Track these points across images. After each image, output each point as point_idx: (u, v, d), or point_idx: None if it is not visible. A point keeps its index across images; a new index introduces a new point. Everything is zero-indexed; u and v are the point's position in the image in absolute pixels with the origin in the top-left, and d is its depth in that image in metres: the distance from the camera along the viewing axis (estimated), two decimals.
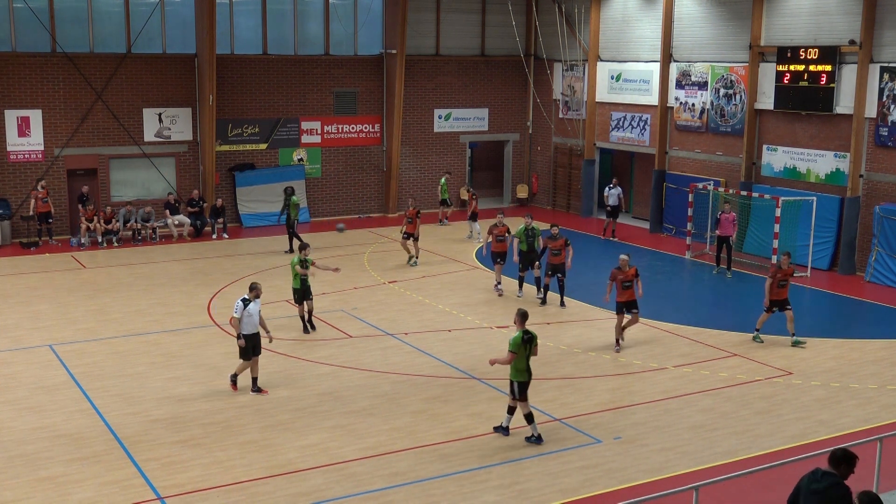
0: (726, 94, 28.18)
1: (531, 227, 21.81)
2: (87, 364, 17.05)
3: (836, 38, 24.89)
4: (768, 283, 18.44)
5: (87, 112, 28.57)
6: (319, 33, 32.04)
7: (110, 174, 29.19)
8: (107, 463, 12.91)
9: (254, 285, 15.71)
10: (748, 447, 13.69)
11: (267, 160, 31.55)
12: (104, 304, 21.27)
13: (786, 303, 18.45)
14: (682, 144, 29.90)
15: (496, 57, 34.79)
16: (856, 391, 16.10)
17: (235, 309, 15.39)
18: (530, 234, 21.75)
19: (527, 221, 21.96)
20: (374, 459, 13.12)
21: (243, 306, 15.31)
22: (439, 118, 34.15)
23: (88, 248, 27.28)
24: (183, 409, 14.90)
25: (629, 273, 18.18)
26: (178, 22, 29.83)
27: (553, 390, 15.95)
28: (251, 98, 30.95)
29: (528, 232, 21.76)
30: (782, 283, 18.36)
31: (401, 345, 18.45)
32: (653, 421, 14.61)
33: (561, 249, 20.93)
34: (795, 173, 26.35)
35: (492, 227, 22.67)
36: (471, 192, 30.28)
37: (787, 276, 18.49)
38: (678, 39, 29.63)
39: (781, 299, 18.41)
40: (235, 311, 15.37)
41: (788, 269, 18.53)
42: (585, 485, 12.40)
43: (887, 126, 23.90)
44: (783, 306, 18.43)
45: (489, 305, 21.44)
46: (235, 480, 12.42)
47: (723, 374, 16.92)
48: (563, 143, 34.56)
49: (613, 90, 32.22)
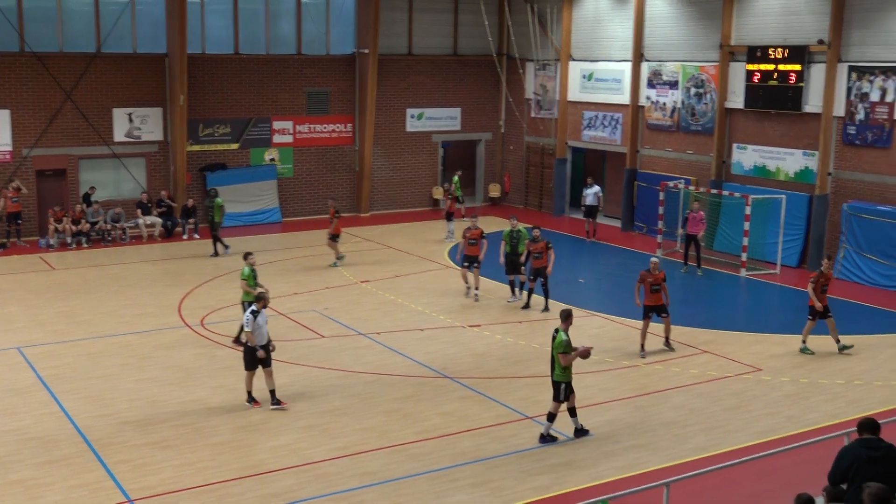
0: (697, 93, 28.37)
1: (516, 230, 21.58)
2: (57, 366, 16.90)
3: (805, 38, 25.13)
4: (811, 288, 17.87)
5: (56, 112, 28.31)
6: (291, 33, 31.93)
7: (80, 175, 28.93)
8: (76, 466, 12.80)
9: (261, 295, 15.23)
10: (718, 443, 13.79)
11: (238, 160, 31.40)
12: (73, 305, 21.10)
13: (827, 310, 17.90)
14: (653, 143, 30.07)
15: (468, 56, 34.82)
16: (824, 387, 16.27)
17: (246, 322, 14.81)
18: (514, 237, 21.51)
19: (512, 224, 21.83)
20: (346, 459, 13.10)
21: (253, 318, 14.76)
22: (412, 118, 34.14)
23: (57, 249, 27.04)
24: (153, 411, 14.81)
25: (658, 276, 17.67)
26: (149, 21, 29.60)
27: (525, 388, 15.99)
28: (222, 98, 30.79)
29: (513, 234, 21.55)
30: (824, 289, 17.92)
31: (373, 344, 18.43)
32: (625, 418, 14.69)
33: (542, 252, 20.59)
34: (765, 171, 26.58)
35: (465, 230, 22.47)
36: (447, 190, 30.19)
37: (829, 280, 18.05)
38: (649, 39, 29.80)
39: (824, 305, 17.91)
40: (246, 325, 14.80)
41: (829, 273, 18.08)
42: (557, 482, 12.45)
43: (855, 125, 24.15)
44: (825, 314, 17.93)
45: (462, 305, 21.45)
46: (207, 482, 12.36)
47: (693, 370, 17.05)
48: (535, 143, 34.65)
49: (585, 89, 32.34)
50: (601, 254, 27.53)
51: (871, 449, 8.48)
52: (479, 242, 21.79)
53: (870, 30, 23.74)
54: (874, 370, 17.16)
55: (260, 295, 15.28)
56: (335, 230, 25.14)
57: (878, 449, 8.46)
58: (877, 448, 8.47)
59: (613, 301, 21.96)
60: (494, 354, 17.86)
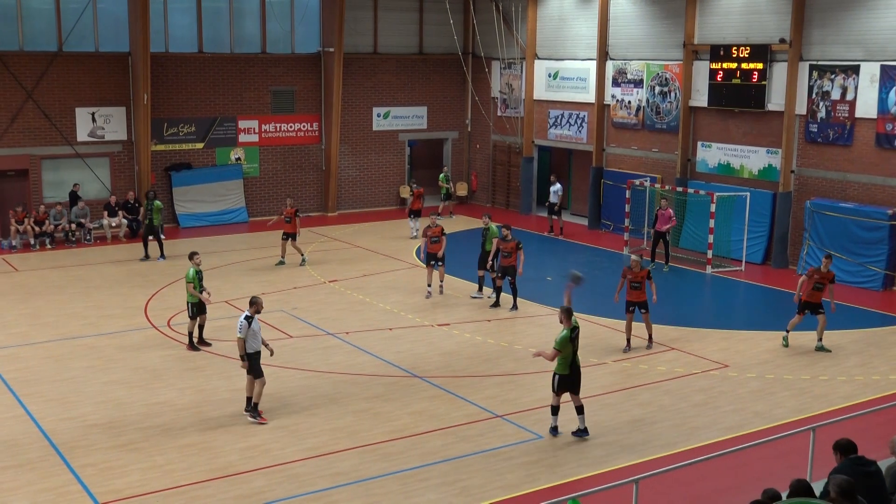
0: (661, 91, 28.58)
1: (487, 228, 21.76)
2: (21, 369, 16.68)
3: (767, 37, 25.40)
4: (802, 280, 18.17)
5: (17, 112, 27.93)
6: (256, 31, 31.75)
7: (42, 175, 28.58)
8: (42, 470, 12.65)
9: (255, 300, 14.46)
10: (686, 439, 13.91)
11: (204, 159, 31.17)
12: (37, 307, 20.84)
13: (819, 307, 18.05)
14: (618, 141, 30.25)
15: (434, 55, 34.82)
16: (789, 382, 16.46)
17: (239, 328, 14.18)
18: (484, 235, 21.75)
19: (484, 221, 21.95)
20: (316, 460, 13.06)
21: (248, 325, 14.17)
22: (378, 116, 34.08)
23: (20, 250, 26.69)
24: (120, 413, 14.67)
25: (639, 274, 18.04)
26: (111, 20, 29.30)
27: (494, 387, 16.03)
28: (187, 97, 30.55)
29: (483, 232, 21.81)
30: (818, 286, 18.01)
31: (342, 344, 18.38)
32: (593, 416, 14.74)
33: (512, 252, 20.69)
34: (729, 169, 26.84)
35: (426, 228, 22.56)
36: (416, 188, 30.25)
37: (825, 279, 18.00)
38: (614, 38, 29.97)
39: (815, 302, 18.04)
40: (240, 332, 14.18)
41: (828, 274, 18.07)
42: (527, 480, 12.49)
43: (817, 123, 24.45)
44: (816, 310, 18.15)
45: (430, 303, 21.45)
46: (175, 484, 12.26)
47: (661, 367, 17.18)
48: (501, 141, 34.72)
49: (551, 88, 32.47)
50: (568, 252, 27.64)
51: (863, 465, 8.80)
52: (440, 240, 21.90)
53: (830, 29, 24.05)
54: (837, 366, 17.38)
55: (254, 299, 14.51)
56: (292, 229, 25.05)
57: (869, 465, 8.76)
58: (868, 464, 8.77)
59: (581, 299, 22.00)
60: (463, 353, 17.88)
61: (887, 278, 23.07)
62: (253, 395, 14.48)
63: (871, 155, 23.47)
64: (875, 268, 23.13)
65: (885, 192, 23.25)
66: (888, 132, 22.98)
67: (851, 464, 8.88)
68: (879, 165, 23.33)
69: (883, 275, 23.03)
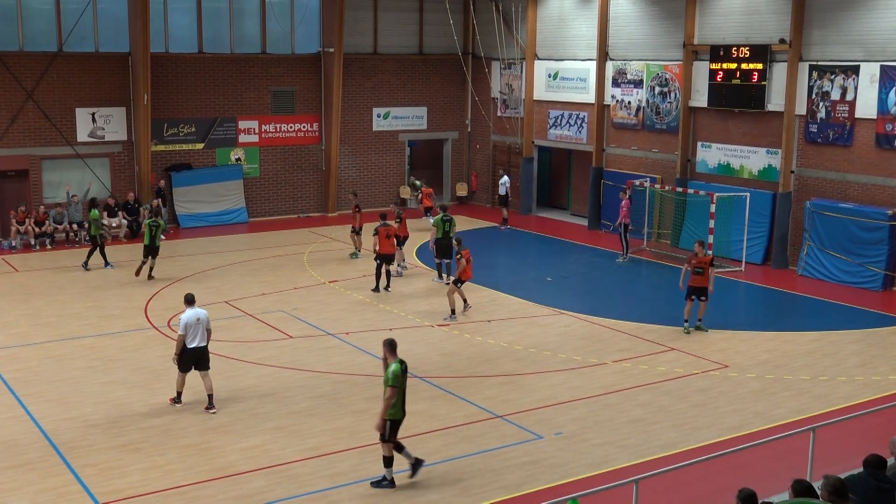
0: (661, 91, 28.59)
1: (448, 218, 22.96)
2: (21, 369, 16.68)
3: (767, 37, 25.41)
4: (684, 268, 19.23)
5: (17, 112, 27.93)
6: (256, 31, 31.76)
7: (42, 175, 28.58)
8: (42, 470, 12.65)
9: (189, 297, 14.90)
10: (686, 439, 13.90)
11: (204, 160, 31.18)
12: (37, 307, 20.84)
13: (703, 292, 18.96)
14: (618, 142, 30.26)
15: (434, 55, 34.83)
16: (789, 382, 16.46)
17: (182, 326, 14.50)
18: (446, 223, 22.81)
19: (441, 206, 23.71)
20: (316, 460, 13.06)
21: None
22: (378, 117, 34.09)
23: (21, 250, 26.70)
24: (120, 414, 14.67)
25: (703, 259, 18.67)
26: (111, 20, 29.30)
27: (494, 387, 16.04)
28: (187, 97, 30.56)
29: (444, 221, 22.84)
30: (698, 270, 18.86)
31: (342, 344, 18.38)
32: (593, 416, 14.77)
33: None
34: (729, 170, 26.85)
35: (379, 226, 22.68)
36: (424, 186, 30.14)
37: (703, 263, 18.94)
38: (614, 38, 29.97)
39: (698, 287, 18.94)
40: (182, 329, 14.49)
41: (705, 258, 19.03)
42: (527, 480, 12.49)
43: (816, 123, 24.46)
44: (699, 295, 18.99)
45: (430, 303, 21.46)
46: (175, 485, 12.27)
47: (661, 368, 17.18)
48: (501, 141, 34.73)
49: (551, 88, 32.47)
50: (568, 252, 27.64)
51: (881, 481, 8.81)
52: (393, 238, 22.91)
53: (830, 29, 24.06)
54: (837, 366, 17.39)
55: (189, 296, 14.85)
56: (359, 224, 25.96)
57: (887, 482, 8.76)
58: (887, 481, 8.77)
59: (580, 299, 22.08)
60: (463, 353, 17.88)
61: (887, 278, 23.06)
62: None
63: (870, 155, 23.48)
64: (875, 268, 23.13)
65: (885, 193, 23.25)
66: (888, 132, 22.99)
67: (868, 475, 8.88)
68: (879, 166, 23.34)
69: (883, 275, 23.03)
